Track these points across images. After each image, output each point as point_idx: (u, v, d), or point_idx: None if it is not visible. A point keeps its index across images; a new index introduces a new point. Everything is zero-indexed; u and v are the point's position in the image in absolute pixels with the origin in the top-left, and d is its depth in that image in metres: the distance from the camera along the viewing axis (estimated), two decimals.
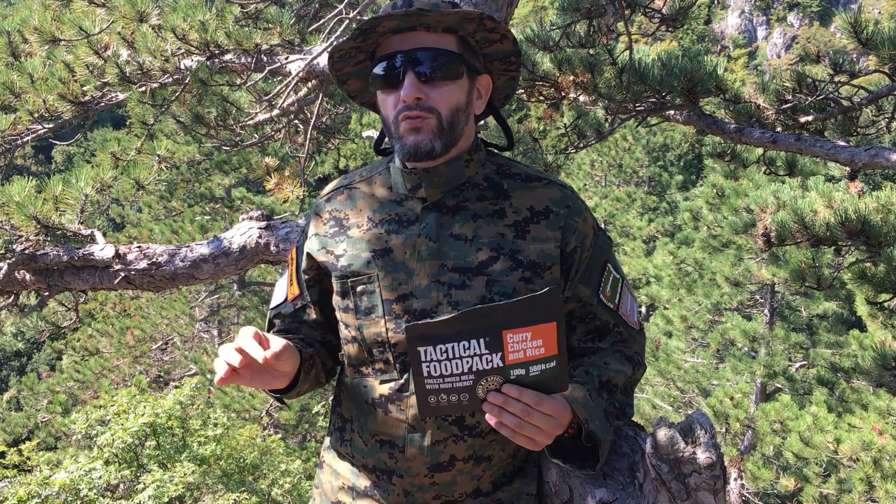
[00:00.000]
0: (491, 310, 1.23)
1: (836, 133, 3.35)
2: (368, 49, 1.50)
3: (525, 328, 1.23)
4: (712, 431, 1.34)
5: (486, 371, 1.26)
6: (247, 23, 3.93)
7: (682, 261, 12.93)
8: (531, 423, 1.29)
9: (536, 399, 1.28)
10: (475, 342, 1.23)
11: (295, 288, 1.64)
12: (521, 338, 1.24)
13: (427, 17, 1.40)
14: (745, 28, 73.64)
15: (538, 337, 1.24)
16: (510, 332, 1.23)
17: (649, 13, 3.27)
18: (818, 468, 8.60)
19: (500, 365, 1.25)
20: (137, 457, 7.19)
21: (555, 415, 1.30)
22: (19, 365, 27.76)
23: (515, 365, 1.26)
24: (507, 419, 1.28)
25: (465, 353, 1.24)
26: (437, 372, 1.25)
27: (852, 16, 3.00)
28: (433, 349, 1.24)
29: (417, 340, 1.24)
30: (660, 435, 1.35)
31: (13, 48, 3.92)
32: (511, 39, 1.51)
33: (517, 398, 1.27)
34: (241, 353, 1.30)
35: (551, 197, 1.53)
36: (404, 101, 1.42)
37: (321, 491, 1.69)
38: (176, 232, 13.16)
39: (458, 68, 1.45)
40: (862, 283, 3.92)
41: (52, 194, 2.97)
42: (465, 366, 1.25)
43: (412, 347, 1.24)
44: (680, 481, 1.32)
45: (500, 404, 1.27)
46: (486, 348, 1.24)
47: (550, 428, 1.31)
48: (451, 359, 1.24)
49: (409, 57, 1.42)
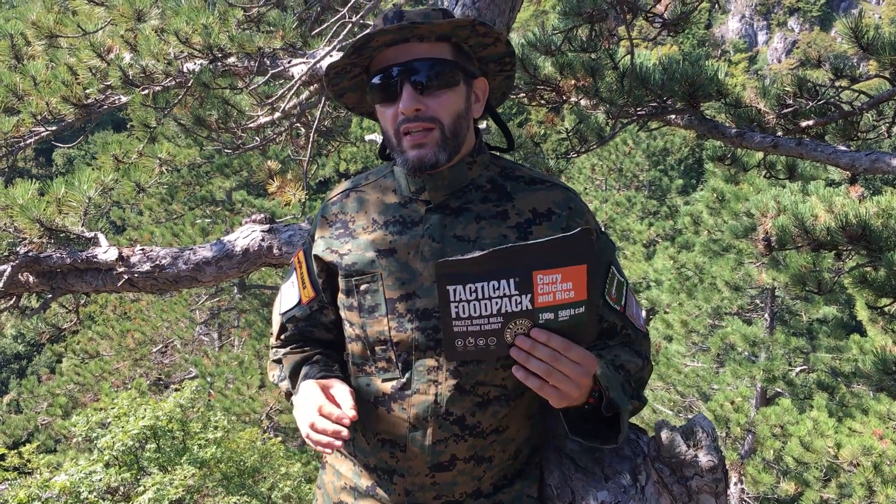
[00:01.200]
0: (521, 249, 1.20)
1: (837, 138, 3.36)
2: (363, 64, 1.51)
3: (555, 269, 1.20)
4: (714, 435, 1.35)
5: (515, 314, 1.23)
6: (249, 26, 3.94)
7: (683, 265, 12.92)
8: (559, 371, 1.26)
9: (565, 345, 1.25)
10: (505, 282, 1.21)
11: (309, 290, 1.64)
12: (551, 279, 1.21)
13: (420, 28, 1.40)
14: (745, 32, 73.70)
15: (568, 279, 1.21)
16: (540, 273, 1.20)
17: (651, 18, 3.28)
18: (818, 472, 8.59)
19: (529, 307, 1.22)
20: (138, 459, 7.18)
21: (583, 362, 1.27)
22: (19, 367, 27.74)
23: (544, 308, 1.23)
24: (534, 365, 1.25)
25: (495, 294, 1.21)
26: (466, 313, 1.23)
27: (853, 21, 3.01)
28: (462, 288, 1.21)
29: (446, 278, 1.21)
30: (662, 438, 1.35)
31: (16, 51, 3.93)
32: (504, 41, 1.51)
33: (545, 343, 1.24)
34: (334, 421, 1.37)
35: (554, 199, 1.54)
36: (403, 114, 1.43)
37: (323, 491, 1.70)
38: (177, 235, 13.18)
39: (454, 75, 1.46)
40: (862, 288, 3.92)
41: (56, 197, 2.98)
42: (494, 307, 1.22)
43: (441, 286, 1.21)
44: (682, 484, 1.33)
45: (528, 349, 1.25)
46: (515, 289, 1.21)
47: (579, 376, 1.27)
48: (480, 299, 1.22)
49: (405, 68, 1.43)
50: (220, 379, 12.30)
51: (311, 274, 1.64)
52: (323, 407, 1.38)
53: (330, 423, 1.36)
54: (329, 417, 1.36)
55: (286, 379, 1.64)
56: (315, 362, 1.61)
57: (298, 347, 1.67)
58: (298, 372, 1.61)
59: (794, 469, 8.74)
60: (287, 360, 1.65)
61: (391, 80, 1.44)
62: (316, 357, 1.63)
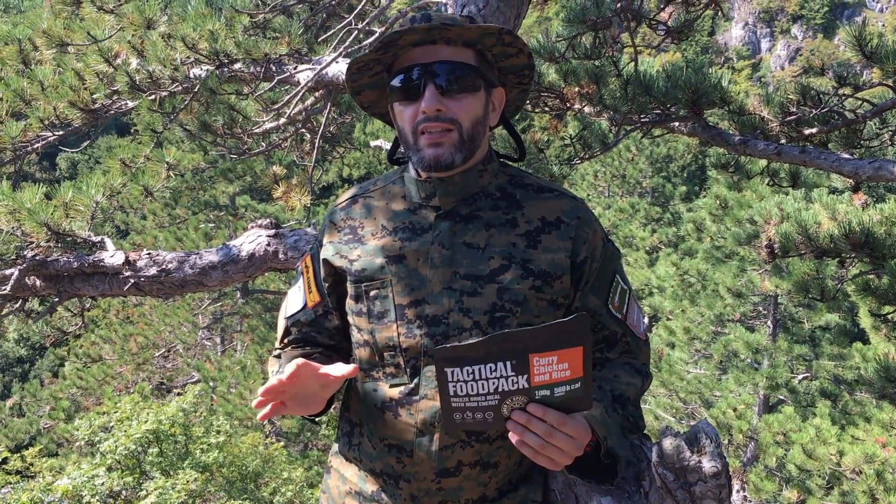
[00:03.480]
0: (518, 334, 1.24)
1: (840, 145, 3.36)
2: (387, 61, 1.52)
3: (552, 352, 1.24)
4: (718, 441, 1.35)
5: (511, 392, 1.27)
6: (255, 32, 3.96)
7: (685, 272, 12.90)
8: (553, 444, 1.30)
9: (560, 420, 1.29)
10: (501, 365, 1.25)
11: (315, 294, 1.64)
12: (547, 361, 1.25)
13: (449, 31, 1.42)
14: (748, 40, 73.76)
15: (564, 360, 1.25)
16: (536, 356, 1.24)
17: (654, 25, 3.30)
18: (821, 480, 8.56)
19: (525, 386, 1.27)
20: (140, 463, 7.18)
21: (576, 436, 1.31)
22: (22, 371, 27.75)
23: (541, 386, 1.27)
24: (529, 439, 1.29)
25: (492, 375, 1.26)
26: (464, 391, 1.27)
27: (856, 29, 3.01)
28: (459, 370, 1.25)
29: (445, 362, 1.25)
30: (665, 444, 1.36)
31: (24, 56, 3.96)
32: (527, 53, 1.53)
33: (541, 418, 1.28)
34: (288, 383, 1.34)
35: (562, 208, 1.55)
36: (424, 113, 1.44)
37: (328, 496, 1.70)
38: (180, 239, 13.20)
39: (475, 81, 1.48)
40: (865, 295, 3.93)
41: (63, 201, 2.99)
42: (491, 386, 1.26)
43: (439, 369, 1.26)
44: (685, 490, 1.34)
45: (525, 423, 1.29)
46: (511, 371, 1.25)
47: (571, 449, 1.31)
48: (478, 380, 1.26)
49: (429, 69, 1.44)
50: (223, 383, 12.30)
51: (318, 278, 1.64)
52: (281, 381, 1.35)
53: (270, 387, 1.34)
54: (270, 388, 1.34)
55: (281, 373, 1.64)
56: (314, 359, 1.61)
57: (299, 347, 1.68)
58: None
59: (796, 477, 8.72)
60: (286, 355, 1.65)
61: (414, 79, 1.45)
62: (315, 355, 1.64)
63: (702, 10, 3.29)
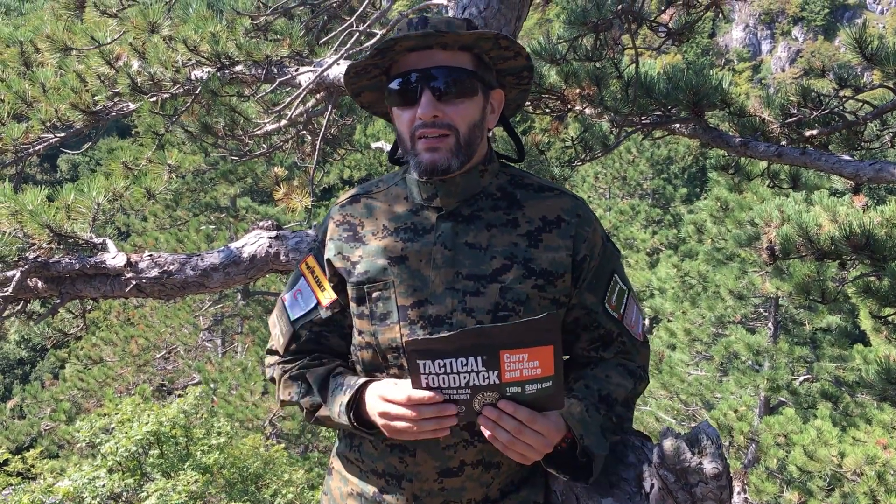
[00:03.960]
0: (489, 330, 1.27)
1: (841, 147, 3.37)
2: (384, 66, 1.53)
3: (522, 349, 1.27)
4: (719, 442, 1.36)
5: (482, 387, 1.30)
6: (257, 35, 3.97)
7: (686, 273, 12.91)
8: (522, 441, 1.33)
9: (530, 417, 1.32)
10: (472, 359, 1.28)
11: (330, 292, 1.60)
12: (518, 358, 1.28)
13: (444, 37, 1.42)
14: (749, 42, 73.76)
15: (535, 358, 1.28)
16: (507, 353, 1.27)
17: (655, 27, 3.30)
18: (822, 482, 8.55)
19: (496, 382, 1.29)
20: (141, 465, 7.19)
21: (546, 434, 1.34)
22: (23, 373, 27.74)
23: (512, 383, 1.30)
24: (499, 434, 1.33)
25: (463, 369, 1.29)
26: (435, 384, 1.30)
27: (857, 31, 3.02)
28: (431, 363, 1.29)
29: (417, 354, 1.29)
30: (666, 445, 1.36)
31: (25, 58, 3.96)
32: (525, 56, 1.53)
33: (511, 414, 1.31)
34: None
35: (563, 207, 1.56)
36: (421, 119, 1.44)
37: (330, 497, 1.70)
38: (181, 241, 13.20)
39: (472, 85, 1.48)
40: (866, 297, 3.93)
41: (65, 203, 3.00)
42: (462, 380, 1.30)
43: (411, 360, 1.29)
44: (686, 491, 1.34)
45: (495, 419, 1.32)
46: (483, 366, 1.28)
47: (541, 446, 1.35)
48: (449, 373, 1.29)
49: (425, 75, 1.45)
50: (224, 385, 12.31)
51: (327, 277, 1.62)
52: (411, 397, 1.34)
53: (429, 408, 1.34)
54: (422, 402, 1.33)
55: (314, 394, 1.57)
56: (340, 374, 1.57)
57: (315, 359, 1.62)
58: (327, 385, 1.56)
59: (797, 478, 8.72)
60: (311, 374, 1.59)
61: (411, 85, 1.46)
62: (339, 369, 1.59)
63: (702, 12, 3.30)
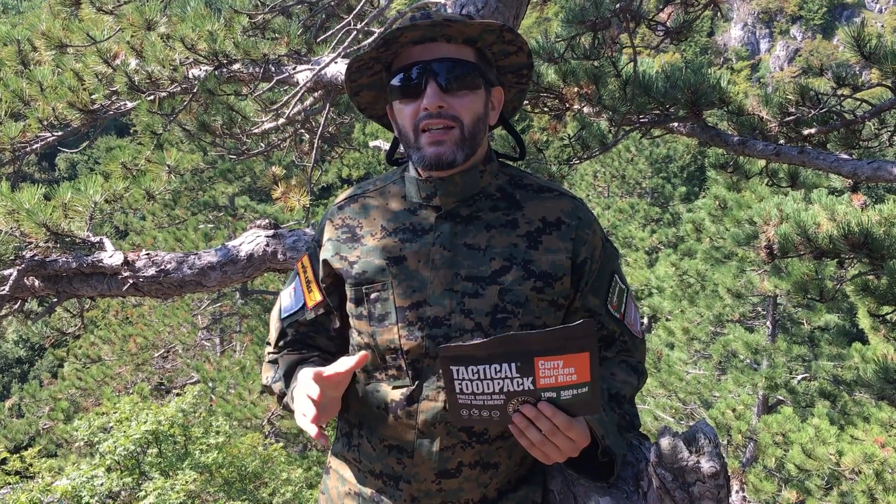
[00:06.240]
0: (521, 338, 1.24)
1: (839, 146, 3.37)
2: (386, 60, 1.52)
3: (557, 356, 1.24)
4: (716, 441, 1.35)
5: (516, 392, 1.27)
6: (254, 33, 3.96)
7: (685, 272, 12.91)
8: (553, 443, 1.31)
9: (566, 424, 1.29)
10: (506, 366, 1.25)
11: (316, 294, 1.63)
12: (552, 365, 1.25)
13: (450, 28, 1.42)
14: (747, 40, 73.78)
15: (570, 365, 1.25)
16: (541, 359, 1.24)
17: (653, 26, 3.30)
18: (820, 480, 8.56)
19: (531, 387, 1.27)
20: (139, 464, 7.19)
21: (577, 440, 1.33)
22: (21, 372, 27.72)
23: (547, 389, 1.27)
24: (531, 433, 1.30)
25: (497, 376, 1.26)
26: (469, 390, 1.28)
27: (855, 29, 3.02)
28: (465, 369, 1.26)
29: (449, 360, 1.26)
30: (664, 444, 1.36)
31: (23, 56, 3.95)
32: (526, 52, 1.53)
33: (549, 418, 1.29)
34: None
35: (563, 208, 1.55)
36: (426, 110, 1.44)
37: (327, 497, 1.70)
38: (179, 240, 13.21)
39: (476, 79, 1.48)
40: (864, 296, 3.93)
41: (62, 201, 2.99)
42: (497, 386, 1.27)
43: (445, 367, 1.26)
44: (684, 490, 1.34)
45: (532, 418, 1.29)
46: (517, 372, 1.25)
47: (570, 451, 1.34)
48: (483, 379, 1.26)
49: (429, 67, 1.44)
50: (222, 384, 12.30)
51: (317, 278, 1.63)
52: (310, 391, 1.40)
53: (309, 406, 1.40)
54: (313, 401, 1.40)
55: (280, 380, 1.65)
56: (311, 362, 1.61)
57: (296, 351, 1.67)
58: (293, 373, 1.61)
59: (795, 477, 8.72)
60: (283, 360, 1.65)
61: (415, 77, 1.45)
62: (313, 358, 1.63)
63: (701, 11, 3.30)
